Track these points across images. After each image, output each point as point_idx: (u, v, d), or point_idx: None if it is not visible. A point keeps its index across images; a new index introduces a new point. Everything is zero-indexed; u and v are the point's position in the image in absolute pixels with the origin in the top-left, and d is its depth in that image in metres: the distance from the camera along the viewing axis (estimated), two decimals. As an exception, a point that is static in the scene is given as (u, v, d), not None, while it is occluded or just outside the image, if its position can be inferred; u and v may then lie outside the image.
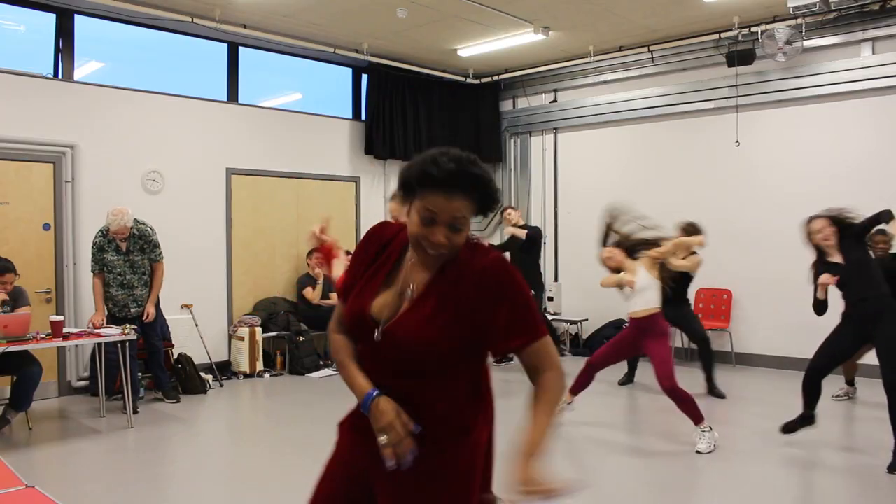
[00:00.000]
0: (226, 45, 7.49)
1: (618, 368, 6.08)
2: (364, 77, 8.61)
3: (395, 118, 8.67)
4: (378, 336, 1.64)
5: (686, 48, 7.77)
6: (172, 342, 6.62)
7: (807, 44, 6.83)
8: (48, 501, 1.90)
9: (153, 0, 6.43)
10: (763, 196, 7.33)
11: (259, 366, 7.21)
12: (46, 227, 6.26)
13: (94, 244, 5.75)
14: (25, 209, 6.16)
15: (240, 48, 7.59)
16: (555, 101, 9.14)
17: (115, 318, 5.73)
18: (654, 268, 4.59)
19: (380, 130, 8.51)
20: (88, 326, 5.62)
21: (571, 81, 8.89)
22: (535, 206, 9.34)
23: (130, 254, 5.80)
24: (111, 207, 5.74)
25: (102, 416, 5.54)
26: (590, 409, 5.47)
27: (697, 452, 4.44)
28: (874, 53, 6.76)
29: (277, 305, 7.66)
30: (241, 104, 7.63)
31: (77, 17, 6.47)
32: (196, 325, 6.86)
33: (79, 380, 6.36)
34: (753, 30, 7.09)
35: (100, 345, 5.41)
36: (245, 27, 7.11)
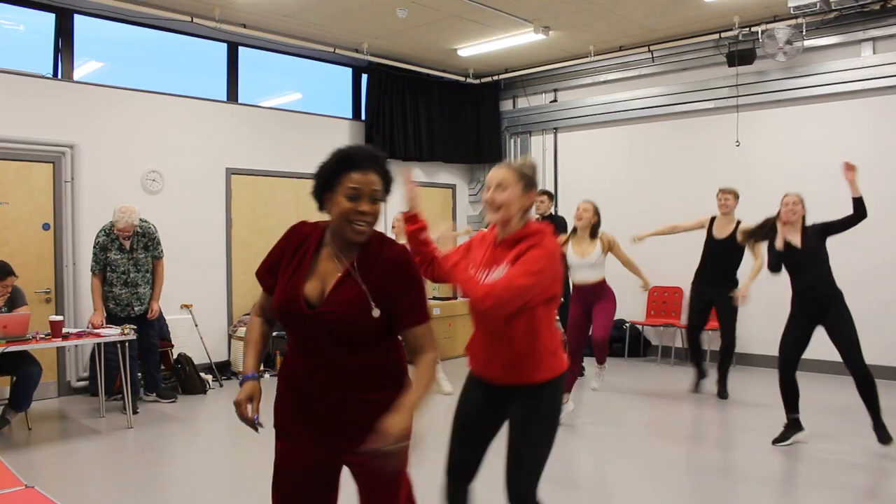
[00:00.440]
0: (226, 45, 7.50)
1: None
2: (364, 77, 8.61)
3: (395, 118, 8.67)
4: (312, 312, 1.92)
5: (686, 48, 7.77)
6: (172, 342, 6.63)
7: (807, 44, 6.83)
8: (48, 501, 1.90)
9: (153, 0, 6.43)
10: (763, 196, 7.29)
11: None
12: (46, 227, 6.26)
13: (97, 243, 5.74)
14: (25, 209, 6.16)
15: (240, 48, 7.59)
16: (555, 101, 9.13)
17: (117, 318, 5.70)
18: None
19: (380, 130, 8.51)
20: (88, 326, 5.62)
21: (571, 81, 8.89)
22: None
23: (134, 252, 5.81)
24: (118, 205, 5.76)
25: (102, 416, 5.54)
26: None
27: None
28: (874, 53, 6.76)
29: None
30: (241, 104, 7.63)
31: (77, 17, 6.47)
32: (196, 325, 6.86)
33: (78, 380, 6.36)
34: (754, 29, 7.09)
35: (99, 345, 5.40)
36: (245, 27, 7.11)
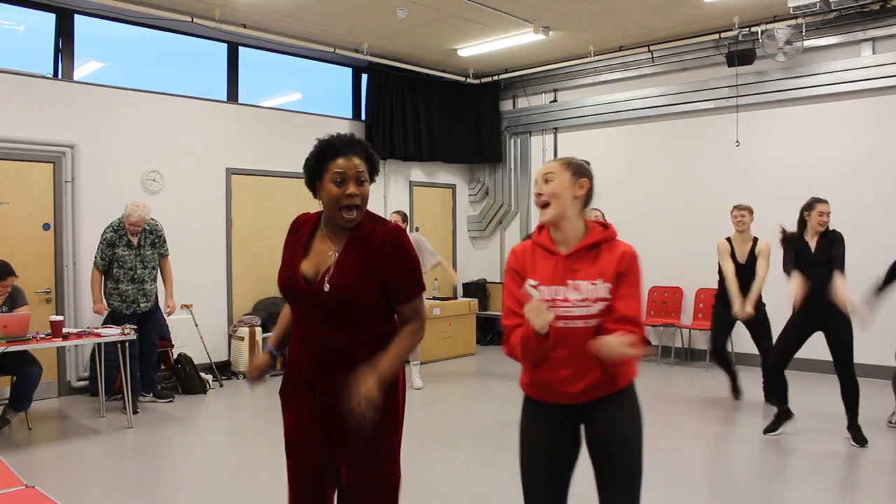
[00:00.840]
0: (226, 45, 7.50)
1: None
2: (364, 77, 8.61)
3: (395, 118, 8.67)
4: (314, 283, 2.06)
5: (686, 48, 7.78)
6: (172, 342, 6.63)
7: (807, 44, 6.83)
8: (48, 501, 1.90)
9: (153, 0, 6.43)
10: (763, 196, 7.32)
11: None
12: (46, 227, 6.26)
13: (105, 239, 5.73)
14: (25, 209, 6.16)
15: (240, 48, 7.59)
16: (555, 101, 9.14)
17: (122, 315, 5.67)
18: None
19: (380, 130, 8.51)
20: (90, 327, 5.61)
21: (571, 81, 8.89)
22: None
23: (141, 248, 5.83)
24: (129, 201, 5.83)
25: (102, 416, 5.54)
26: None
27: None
28: (874, 53, 6.76)
29: (277, 305, 7.65)
30: (241, 104, 7.63)
31: (77, 17, 6.48)
32: (196, 325, 6.87)
33: (79, 380, 6.36)
34: (753, 30, 7.10)
35: (99, 345, 5.41)
36: (245, 27, 7.11)
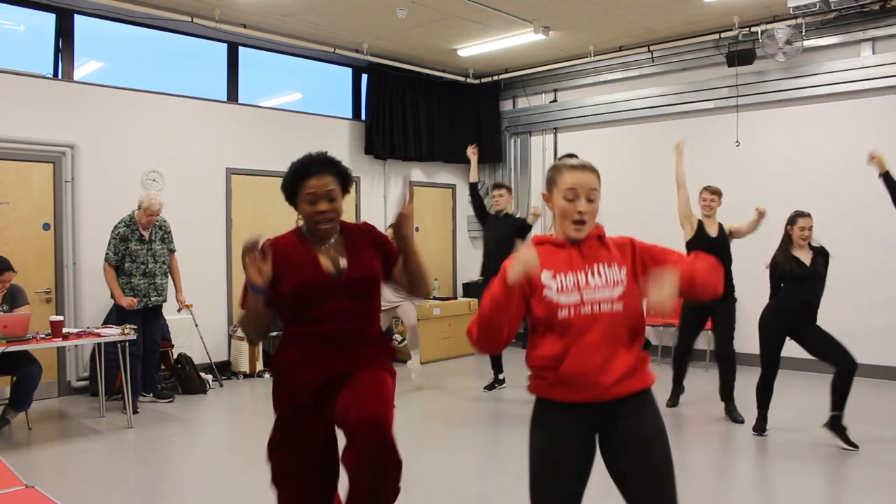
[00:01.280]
0: (226, 45, 7.50)
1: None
2: (364, 77, 8.61)
3: (395, 118, 8.67)
4: (340, 275, 2.34)
5: (686, 48, 7.78)
6: (172, 342, 6.63)
7: (807, 44, 6.83)
8: (48, 501, 1.90)
9: (153, 0, 6.43)
10: (763, 196, 7.30)
11: (259, 366, 7.21)
12: (46, 227, 6.26)
13: (118, 234, 5.75)
14: (25, 209, 6.16)
15: (240, 48, 7.59)
16: (555, 101, 9.13)
17: (134, 310, 5.72)
18: None
19: (380, 130, 8.51)
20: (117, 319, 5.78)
21: (571, 81, 8.89)
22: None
23: (152, 243, 5.88)
24: (143, 193, 5.95)
25: (102, 416, 5.54)
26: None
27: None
28: (874, 53, 6.76)
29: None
30: (241, 104, 7.63)
31: (77, 17, 6.48)
32: (196, 325, 6.86)
33: (79, 380, 6.36)
34: (753, 30, 7.10)
35: (99, 345, 5.41)
36: (245, 27, 7.11)
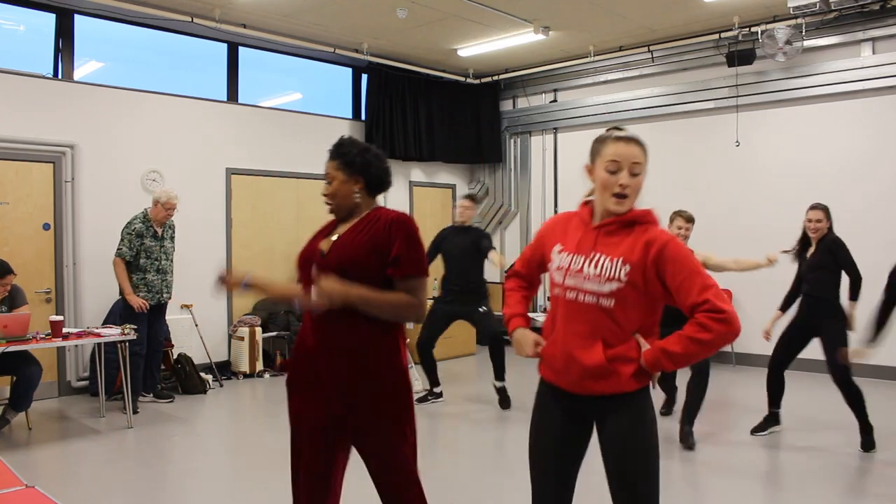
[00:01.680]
0: (226, 45, 7.50)
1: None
2: (364, 77, 8.61)
3: (395, 118, 8.67)
4: (323, 259, 2.30)
5: (686, 48, 7.78)
6: (172, 342, 6.63)
7: (807, 44, 6.83)
8: (48, 501, 1.90)
9: (153, 0, 6.43)
10: (763, 196, 7.33)
11: (259, 366, 7.21)
12: (46, 227, 6.26)
13: (133, 230, 5.76)
14: (25, 209, 6.15)
15: (240, 48, 7.59)
16: (555, 101, 9.14)
17: (148, 307, 5.76)
18: None
19: (380, 130, 8.51)
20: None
21: (571, 81, 8.89)
22: (535, 206, 9.34)
23: (164, 240, 5.93)
24: (158, 189, 6.04)
25: (102, 416, 5.54)
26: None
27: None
28: (874, 53, 6.76)
29: (277, 305, 7.65)
30: (241, 104, 7.63)
31: (77, 17, 6.47)
32: (196, 325, 6.86)
33: (79, 380, 6.36)
34: (753, 30, 7.09)
35: (99, 345, 5.41)
36: (245, 27, 7.11)
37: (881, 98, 6.69)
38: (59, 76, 6.43)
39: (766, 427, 4.90)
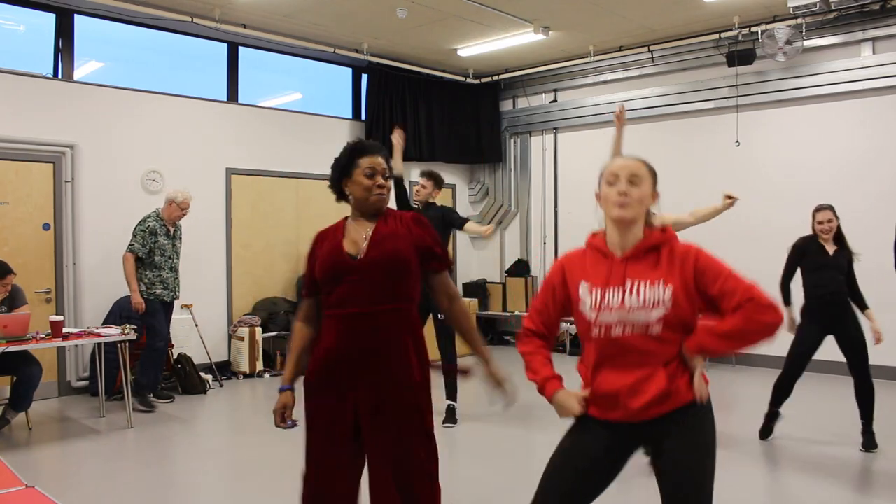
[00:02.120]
0: (226, 45, 7.50)
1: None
2: (364, 77, 8.61)
3: (395, 118, 8.65)
4: (359, 257, 2.30)
5: (686, 48, 7.77)
6: (172, 342, 6.62)
7: (807, 44, 6.83)
8: (48, 501, 1.90)
9: (153, 0, 6.43)
10: (763, 196, 7.32)
11: (259, 366, 7.21)
12: (46, 227, 6.26)
13: (147, 227, 5.81)
14: (25, 209, 6.15)
15: (240, 48, 7.59)
16: (555, 101, 9.13)
17: (163, 304, 5.91)
18: None
19: (380, 130, 8.50)
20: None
21: (571, 81, 8.89)
22: (535, 206, 9.34)
23: (175, 239, 6.01)
24: (171, 189, 6.10)
25: (102, 416, 5.54)
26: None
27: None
28: (874, 53, 6.76)
29: (277, 305, 7.66)
30: (241, 104, 7.63)
31: (77, 17, 6.47)
32: (196, 325, 6.86)
33: (79, 380, 6.36)
34: (753, 30, 7.09)
35: (99, 345, 5.41)
36: (245, 27, 7.11)
37: (881, 98, 6.69)
38: (59, 76, 6.43)
39: (772, 426, 4.82)
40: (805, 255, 4.74)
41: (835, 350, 4.66)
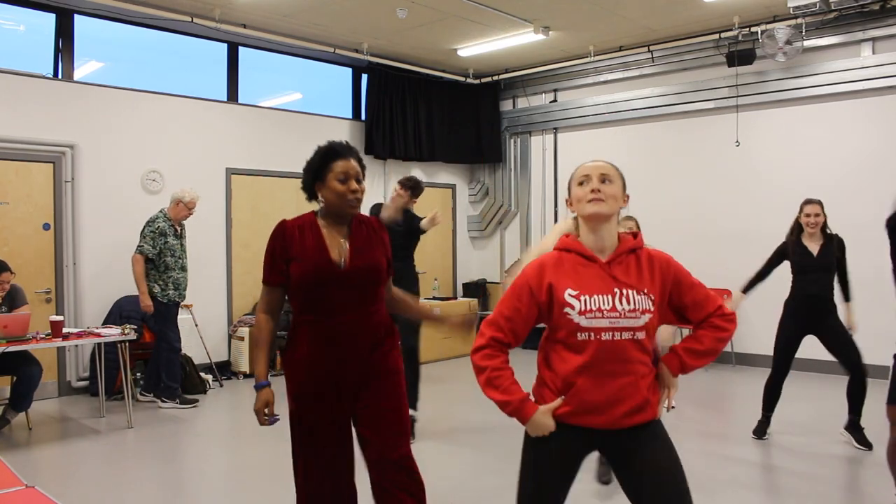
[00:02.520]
0: (226, 45, 7.50)
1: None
2: (364, 77, 8.61)
3: (395, 118, 8.67)
4: (343, 265, 2.40)
5: (686, 48, 7.78)
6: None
7: (807, 44, 6.83)
8: (48, 501, 1.90)
9: (153, 0, 6.43)
10: (763, 196, 7.33)
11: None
12: (46, 227, 6.26)
13: (157, 228, 5.81)
14: (25, 209, 6.16)
15: (240, 48, 7.59)
16: (555, 101, 9.14)
17: (175, 304, 5.94)
18: None
19: (380, 130, 8.51)
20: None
21: (571, 81, 8.89)
22: (535, 206, 9.34)
23: (182, 239, 6.03)
24: (178, 189, 6.06)
25: (102, 416, 5.54)
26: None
27: None
28: (874, 53, 6.76)
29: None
30: (241, 104, 7.63)
31: (77, 17, 6.48)
32: (196, 325, 6.87)
33: (79, 380, 6.36)
34: (753, 30, 7.09)
35: (99, 345, 5.41)
36: (245, 27, 7.11)
37: (881, 98, 6.69)
38: (59, 76, 6.43)
39: (766, 429, 4.86)
40: (784, 257, 4.78)
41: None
